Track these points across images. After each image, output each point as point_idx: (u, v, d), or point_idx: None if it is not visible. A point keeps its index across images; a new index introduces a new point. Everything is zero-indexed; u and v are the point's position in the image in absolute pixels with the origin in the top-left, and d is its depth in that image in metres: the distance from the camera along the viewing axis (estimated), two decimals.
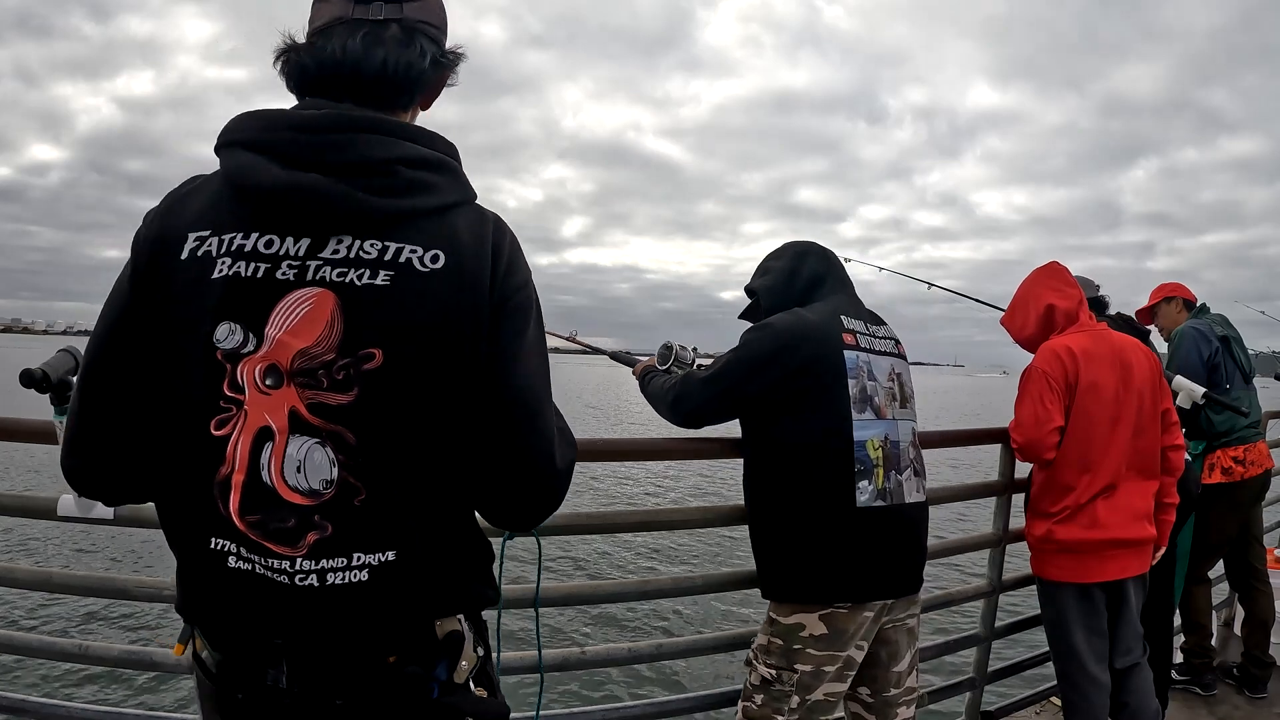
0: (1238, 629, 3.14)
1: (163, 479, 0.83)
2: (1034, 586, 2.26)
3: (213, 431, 0.77)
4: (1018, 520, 2.35)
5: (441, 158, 0.84)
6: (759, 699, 1.54)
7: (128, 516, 1.53)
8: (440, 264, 0.79)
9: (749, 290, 1.77)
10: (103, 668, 3.98)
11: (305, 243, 0.78)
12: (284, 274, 0.77)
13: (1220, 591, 3.26)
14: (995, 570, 2.39)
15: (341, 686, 0.82)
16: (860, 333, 1.59)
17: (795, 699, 1.50)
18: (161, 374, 0.79)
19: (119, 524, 1.53)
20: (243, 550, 0.78)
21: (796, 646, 1.51)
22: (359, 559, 0.79)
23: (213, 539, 0.79)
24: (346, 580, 0.78)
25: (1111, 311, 2.50)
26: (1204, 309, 3.07)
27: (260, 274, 0.77)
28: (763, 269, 1.75)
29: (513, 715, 1.56)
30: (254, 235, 0.78)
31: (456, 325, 0.79)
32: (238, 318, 0.76)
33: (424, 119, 0.95)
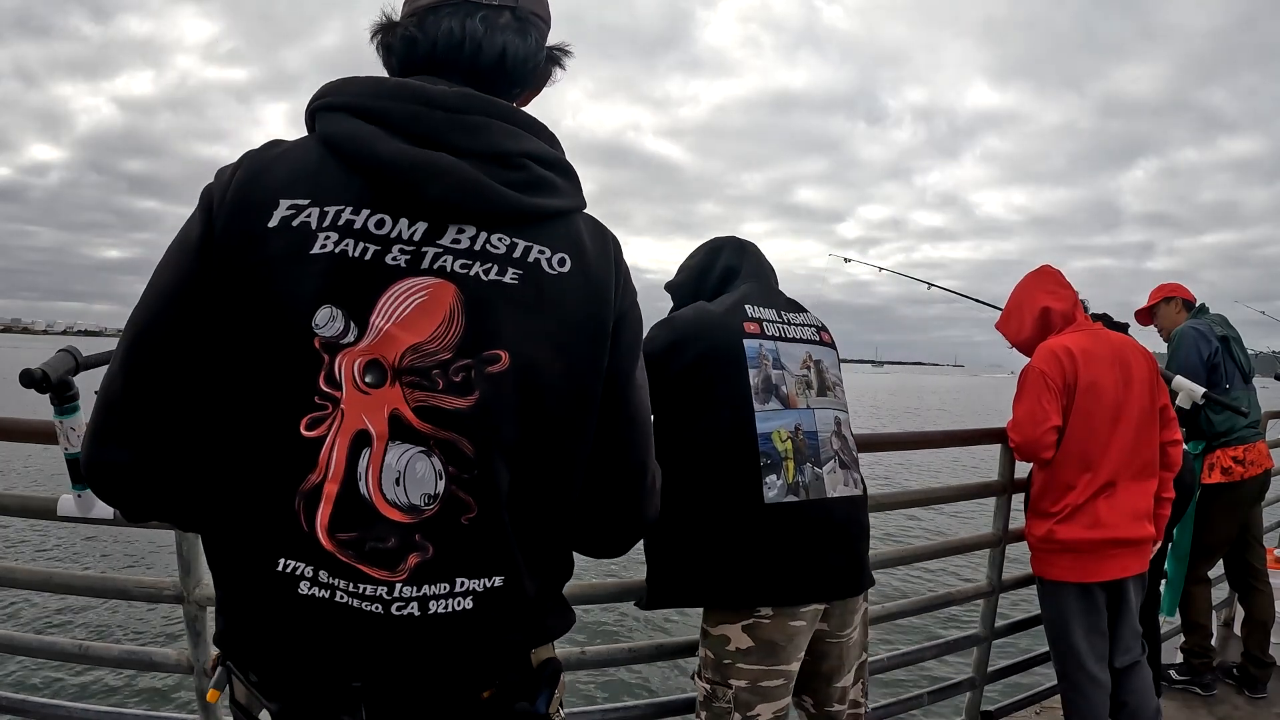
0: (1237, 629, 3.15)
1: (225, 488, 0.70)
2: (1034, 586, 2.26)
3: (304, 432, 0.67)
4: (1017, 520, 2.35)
5: (565, 160, 0.78)
6: (704, 715, 1.50)
7: None
8: (567, 268, 0.74)
9: (667, 288, 1.73)
10: (103, 668, 4.00)
11: (421, 227, 0.69)
12: (394, 259, 0.68)
13: (1220, 591, 3.27)
14: (995, 570, 2.39)
15: None
16: (767, 321, 1.52)
17: (737, 716, 1.44)
18: (240, 358, 0.67)
19: (119, 524, 1.53)
20: (322, 574, 0.67)
21: (727, 661, 1.44)
22: (463, 585, 0.69)
23: (282, 560, 0.67)
24: (450, 609, 0.69)
25: (1094, 312, 2.52)
26: (1203, 309, 3.07)
27: (369, 255, 0.67)
28: (680, 267, 1.72)
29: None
30: (364, 211, 0.68)
31: (586, 333, 0.74)
32: (340, 302, 0.67)
33: None
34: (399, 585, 0.67)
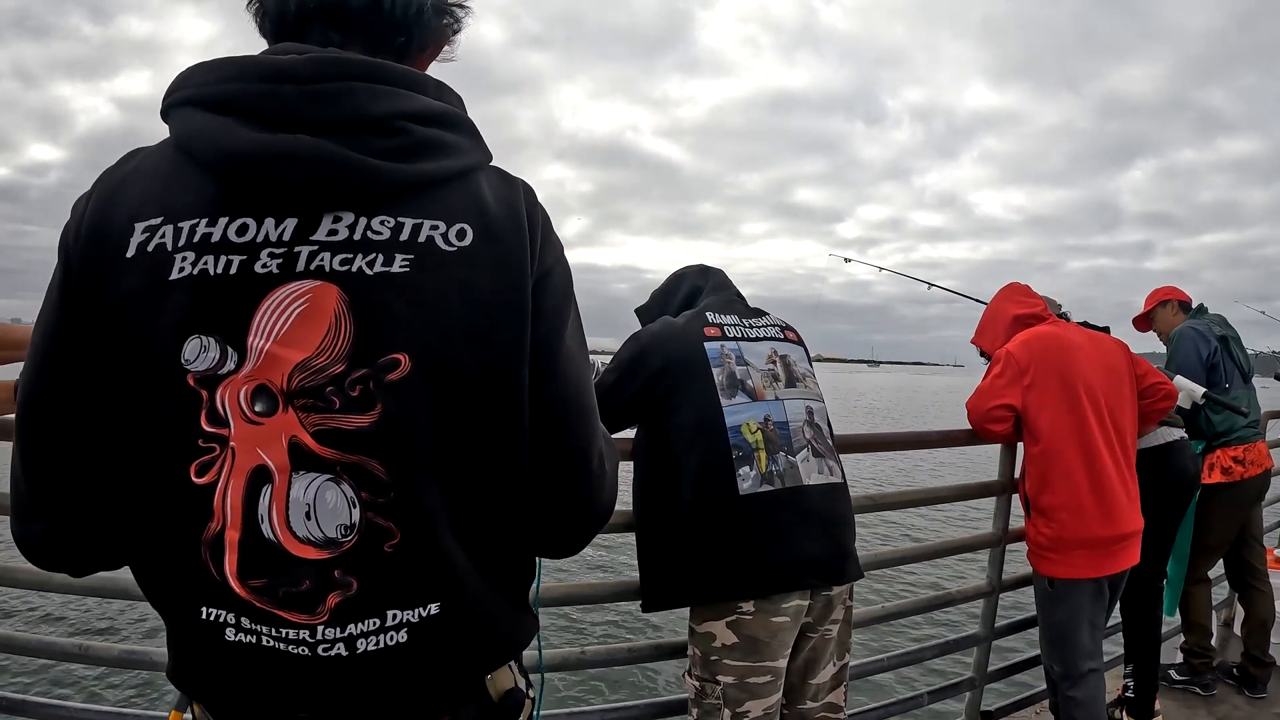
0: (1237, 629, 3.15)
1: (139, 538, 0.65)
2: (1033, 586, 2.24)
3: (194, 479, 0.60)
4: (1017, 520, 2.35)
5: (456, 112, 0.68)
6: (695, 713, 1.52)
7: None
8: (468, 240, 0.63)
9: (637, 313, 1.85)
10: (103, 668, 4.00)
11: (291, 224, 0.60)
12: (264, 266, 0.59)
13: (1220, 592, 3.27)
14: (995, 570, 2.39)
15: None
16: (728, 325, 1.59)
17: (727, 713, 1.45)
18: (121, 409, 0.61)
19: None
20: (244, 621, 0.63)
21: (714, 658, 1.47)
22: (395, 617, 0.64)
23: (204, 609, 0.63)
24: (381, 644, 0.64)
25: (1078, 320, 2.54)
26: (1201, 309, 3.07)
27: (235, 269, 0.59)
28: (650, 295, 1.84)
29: None
30: (221, 221, 0.60)
31: (501, 311, 0.64)
32: (210, 329, 0.59)
33: None
34: (320, 628, 0.62)
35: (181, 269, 0.59)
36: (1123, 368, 2.15)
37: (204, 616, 0.64)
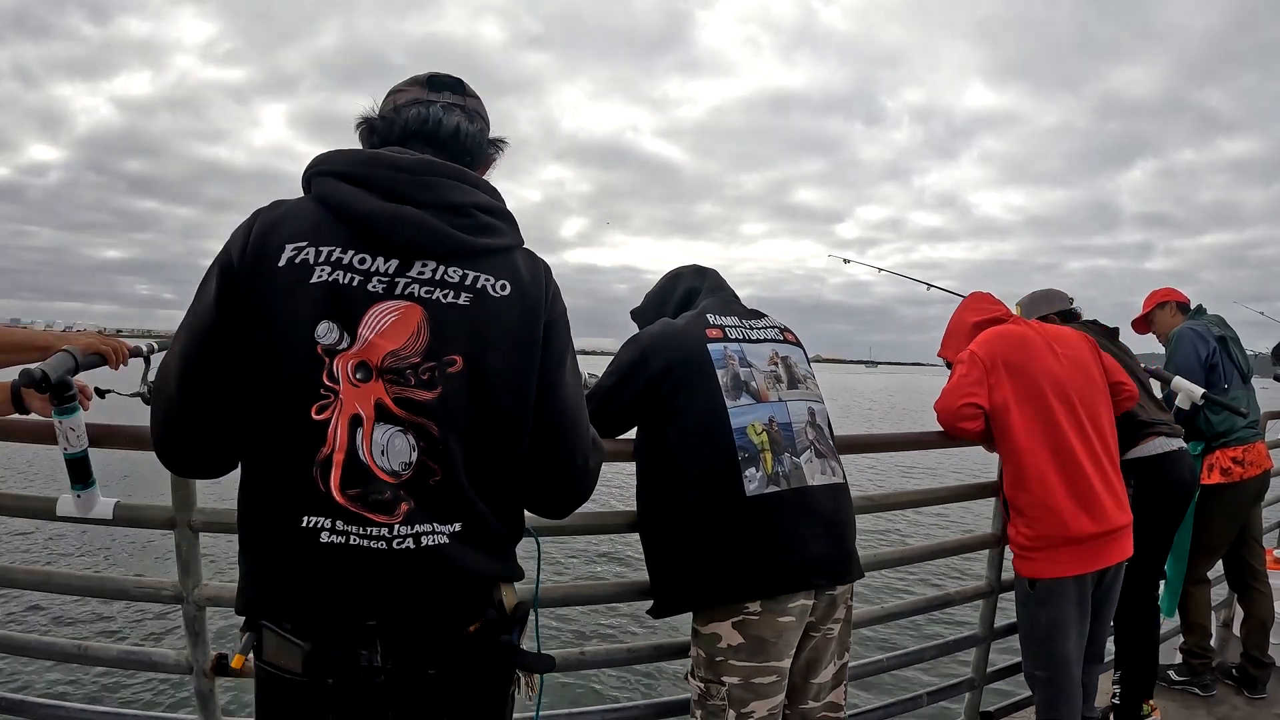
0: (1237, 629, 3.15)
1: (260, 463, 0.91)
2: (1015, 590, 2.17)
3: (313, 416, 0.88)
4: None
5: (504, 208, 1.02)
6: (699, 714, 1.51)
7: (127, 517, 1.53)
8: (508, 291, 0.96)
9: (633, 315, 1.84)
10: (103, 668, 4.00)
11: (394, 263, 0.92)
12: (374, 286, 0.90)
13: (1220, 592, 3.27)
14: (994, 570, 2.39)
15: (433, 657, 0.93)
16: (729, 326, 1.59)
17: (731, 713, 1.45)
18: (265, 362, 0.89)
19: (119, 524, 1.53)
20: (339, 524, 0.88)
21: (719, 658, 1.46)
22: (437, 528, 0.91)
23: (305, 517, 0.88)
24: (434, 542, 0.90)
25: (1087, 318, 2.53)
26: (1200, 310, 3.07)
27: (355, 283, 0.90)
28: (645, 296, 1.83)
29: (513, 715, 1.56)
30: (350, 251, 0.91)
31: (522, 342, 0.96)
32: (334, 318, 0.89)
33: None
34: (397, 525, 0.89)
35: (319, 276, 0.89)
36: (1090, 360, 2.12)
37: (304, 524, 0.88)
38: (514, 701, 1.09)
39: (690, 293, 1.73)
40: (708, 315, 1.60)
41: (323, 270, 0.89)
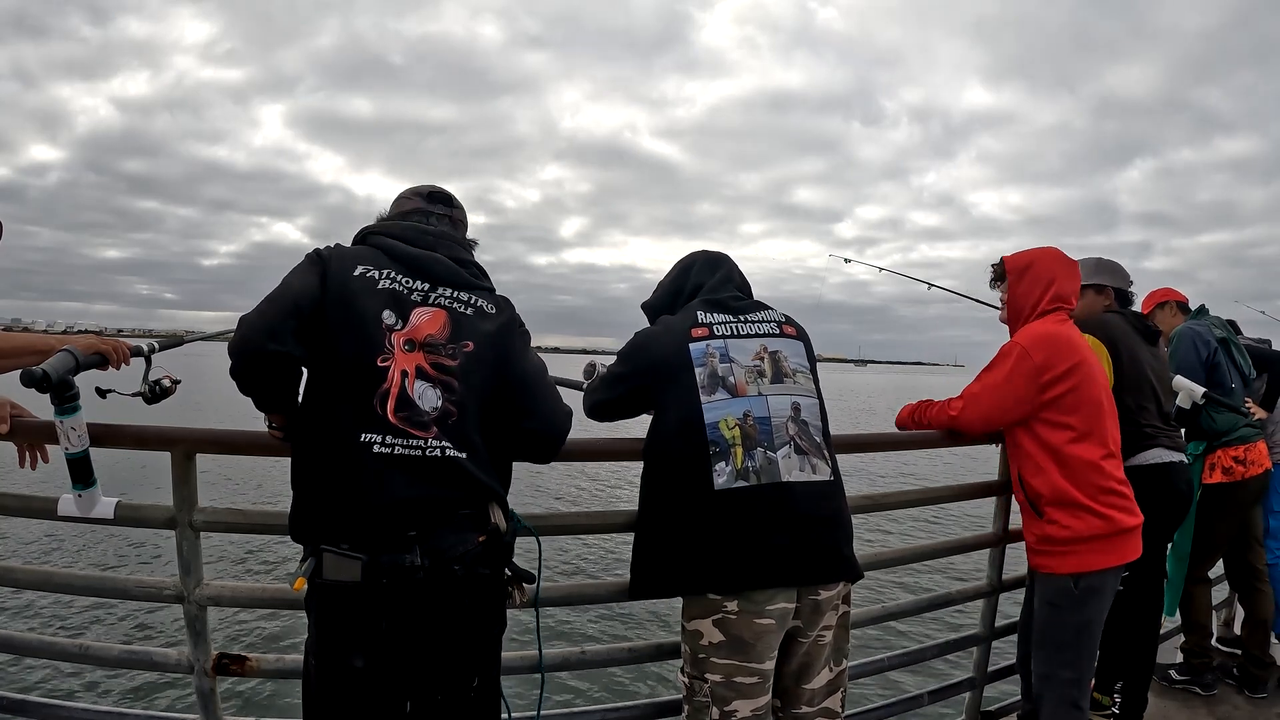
0: (1238, 629, 3.15)
1: (333, 397, 1.30)
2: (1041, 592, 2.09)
3: (378, 364, 1.31)
4: (1017, 520, 2.34)
5: (483, 268, 1.54)
6: (686, 710, 1.53)
7: (128, 516, 1.53)
8: (494, 310, 1.47)
9: (643, 308, 1.86)
10: (103, 668, 4.00)
11: (427, 285, 1.43)
12: (415, 297, 1.40)
13: (1220, 592, 3.27)
14: (995, 570, 2.39)
15: (456, 558, 1.29)
16: (717, 323, 1.62)
17: (715, 710, 1.46)
18: (349, 331, 1.32)
19: (119, 524, 1.53)
20: (388, 438, 1.28)
21: (701, 655, 1.48)
22: (455, 452, 1.32)
23: (363, 434, 1.27)
24: (453, 455, 1.31)
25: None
26: (1202, 310, 3.06)
27: (404, 291, 1.39)
28: (656, 287, 1.85)
29: (513, 715, 1.56)
30: (401, 275, 1.41)
31: (504, 336, 1.45)
32: (394, 309, 1.36)
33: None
34: (430, 439, 1.31)
35: (383, 285, 1.39)
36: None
37: (361, 439, 1.27)
38: (513, 600, 1.43)
39: (696, 289, 1.75)
40: (697, 313, 1.65)
41: (385, 282, 1.38)
